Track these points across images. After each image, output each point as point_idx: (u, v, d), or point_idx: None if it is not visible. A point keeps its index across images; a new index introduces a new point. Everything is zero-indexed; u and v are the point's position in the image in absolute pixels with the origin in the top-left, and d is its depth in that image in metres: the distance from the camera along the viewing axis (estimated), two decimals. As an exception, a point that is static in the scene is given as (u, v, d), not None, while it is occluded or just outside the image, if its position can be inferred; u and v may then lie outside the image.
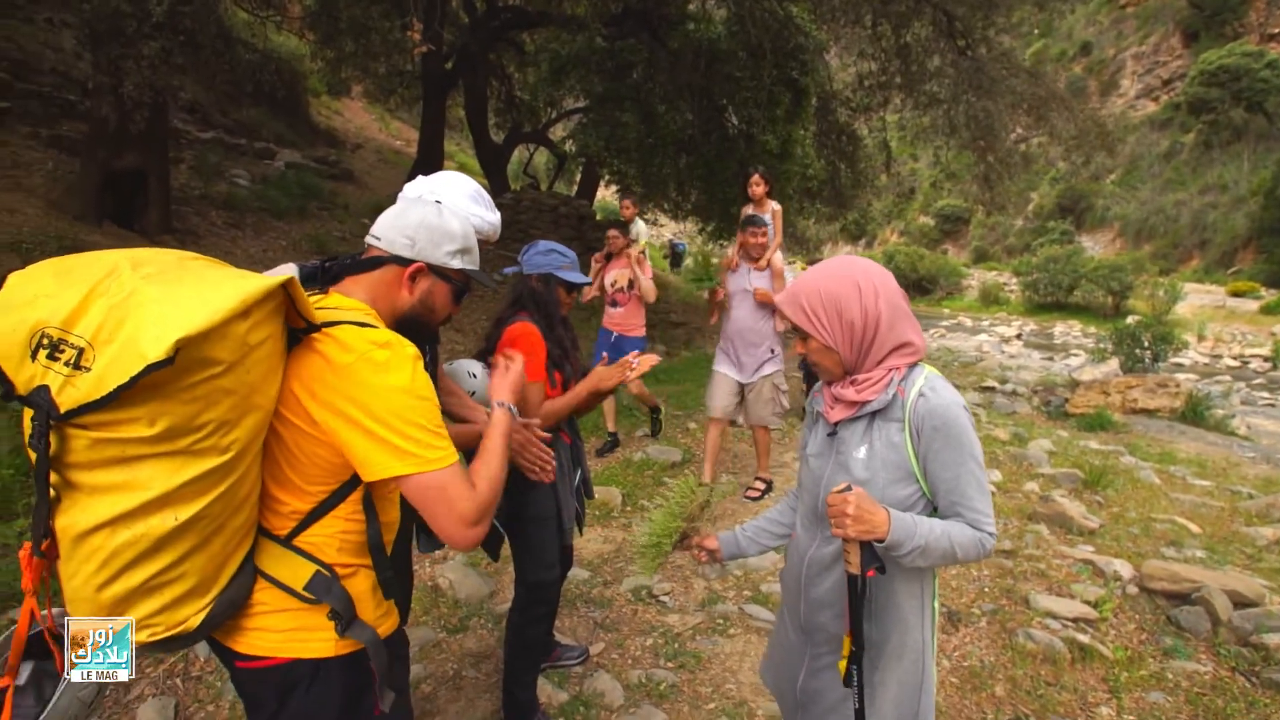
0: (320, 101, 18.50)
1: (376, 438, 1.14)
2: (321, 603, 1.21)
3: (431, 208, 1.39)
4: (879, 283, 1.42)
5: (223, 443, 1.03)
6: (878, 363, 1.44)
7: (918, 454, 1.40)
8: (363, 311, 1.28)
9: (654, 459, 5.66)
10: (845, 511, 1.30)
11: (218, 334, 0.97)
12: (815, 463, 1.55)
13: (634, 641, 3.09)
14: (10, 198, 6.91)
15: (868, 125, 15.43)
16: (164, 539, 1.02)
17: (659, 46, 8.39)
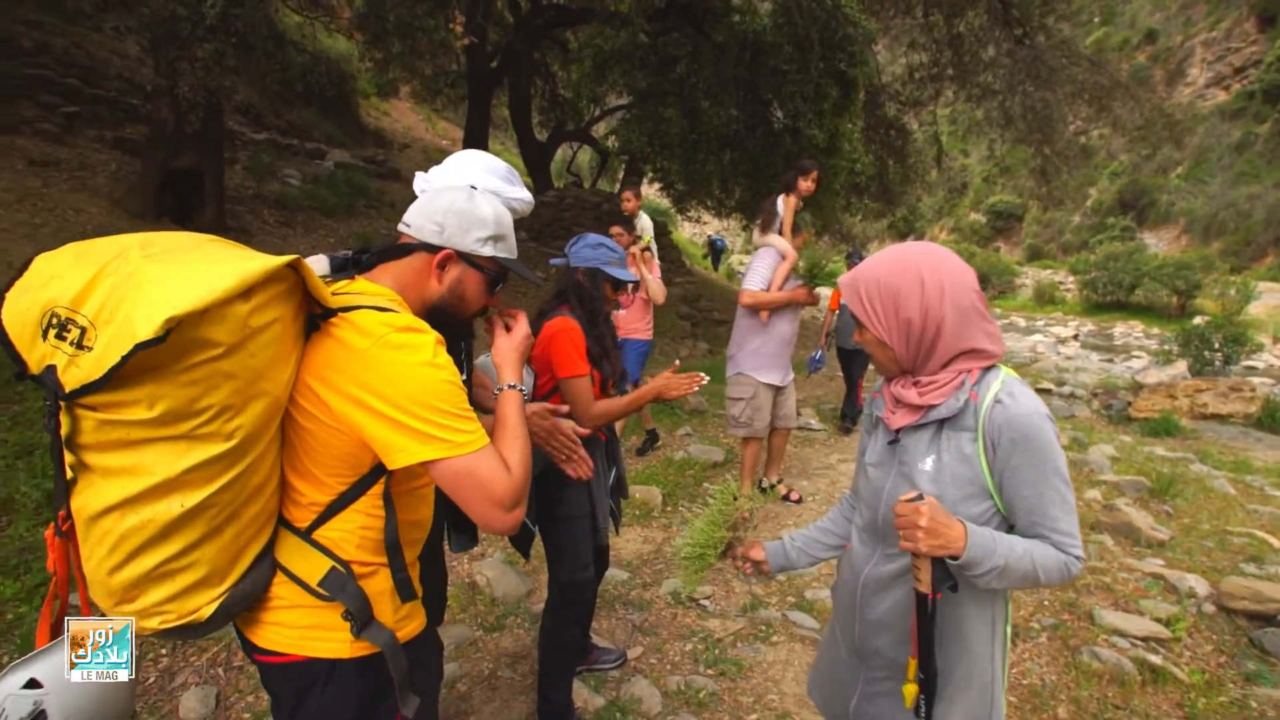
0: (369, 103, 18.91)
1: (398, 424, 1.09)
2: (335, 601, 1.17)
3: (462, 192, 1.32)
4: (948, 280, 1.26)
5: (226, 429, 0.99)
6: (941, 366, 1.30)
7: (993, 469, 1.25)
8: (386, 297, 1.23)
9: (695, 458, 5.57)
10: (917, 523, 1.17)
11: (215, 314, 0.93)
12: (875, 473, 1.41)
13: (673, 646, 3.01)
14: (77, 197, 7.19)
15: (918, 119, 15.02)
16: (171, 525, 0.99)
17: (703, 40, 8.27)
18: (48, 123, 8.37)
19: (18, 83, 8.65)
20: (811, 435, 6.66)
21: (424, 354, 1.12)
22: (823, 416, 7.34)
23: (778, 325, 4.38)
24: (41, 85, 8.85)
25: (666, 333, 10.56)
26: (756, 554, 1.67)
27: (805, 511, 4.69)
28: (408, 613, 1.28)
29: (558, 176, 17.45)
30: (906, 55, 13.04)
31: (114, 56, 10.76)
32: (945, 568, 1.20)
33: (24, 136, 7.85)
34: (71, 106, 8.90)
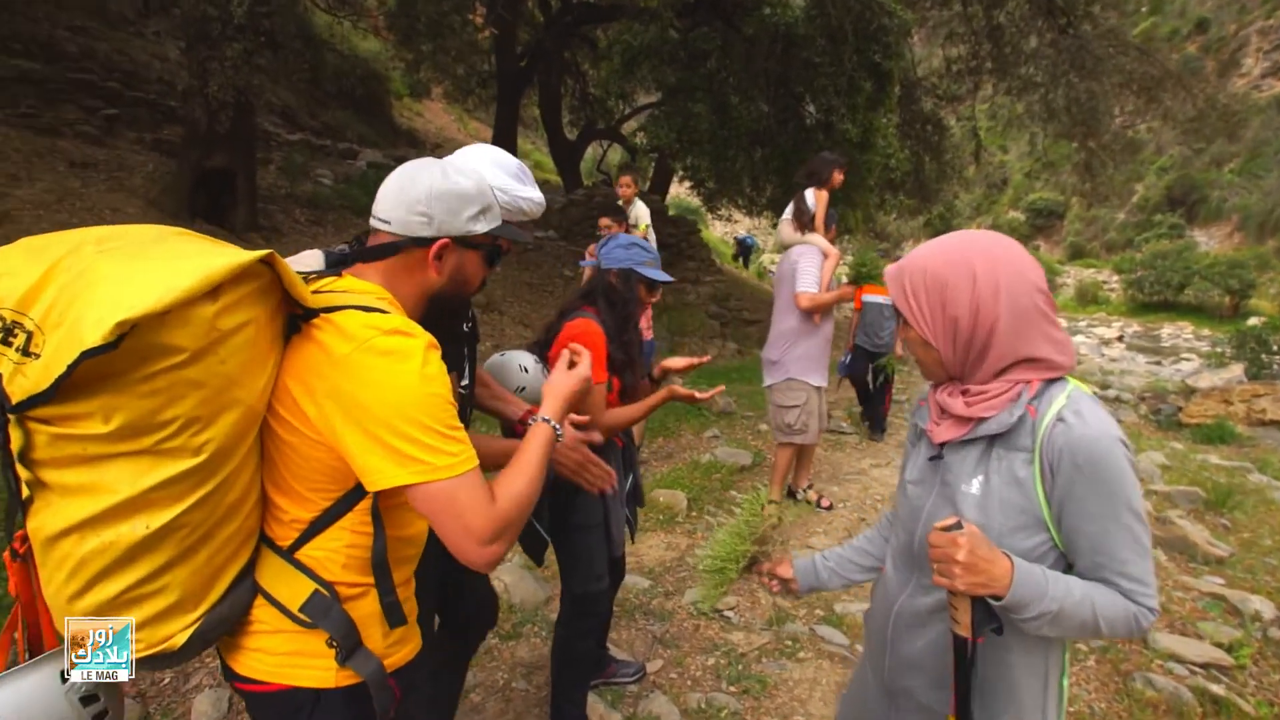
0: (402, 103, 19.12)
1: (377, 440, 0.99)
2: (318, 628, 1.08)
3: (435, 171, 1.20)
4: (1005, 275, 1.09)
5: (194, 443, 0.90)
6: (995, 375, 1.13)
7: (1050, 497, 1.07)
8: (374, 295, 1.13)
9: (722, 461, 5.43)
10: (954, 557, 1.01)
11: (176, 317, 0.84)
12: (914, 492, 1.25)
13: (694, 660, 2.89)
14: (114, 197, 7.33)
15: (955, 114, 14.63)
16: (136, 548, 0.90)
17: (733, 33, 8.12)
18: (89, 125, 8.57)
19: (61, 87, 8.88)
20: (843, 439, 6.47)
21: (412, 362, 1.01)
22: (854, 419, 7.14)
23: (824, 326, 4.25)
24: (84, 89, 9.08)
25: (695, 332, 10.42)
26: (784, 571, 1.54)
27: (835, 519, 4.52)
28: (399, 637, 1.19)
29: (588, 175, 17.43)
30: (944, 48, 12.69)
31: (154, 60, 11.01)
32: (988, 608, 1.04)
33: (65, 138, 8.04)
34: (112, 109, 9.10)
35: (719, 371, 8.93)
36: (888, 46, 8.10)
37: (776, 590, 1.58)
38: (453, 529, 1.03)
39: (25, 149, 7.45)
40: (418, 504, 1.03)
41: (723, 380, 8.39)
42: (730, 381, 8.36)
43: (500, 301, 9.34)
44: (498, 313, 9.03)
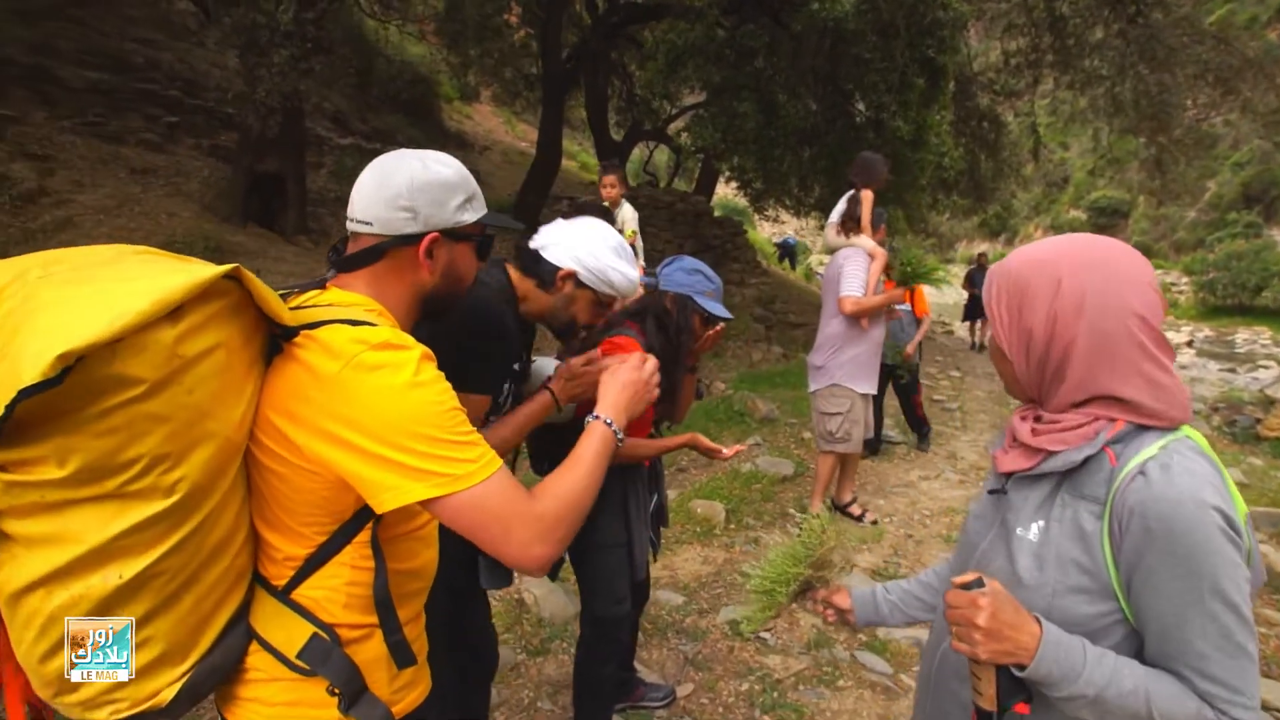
0: (452, 107, 19.39)
1: (383, 460, 0.90)
2: (317, 675, 0.99)
3: (413, 162, 1.11)
4: (1094, 288, 0.92)
5: (164, 482, 0.82)
6: (1074, 403, 0.97)
7: (1119, 561, 0.91)
8: (362, 307, 1.04)
9: (764, 471, 5.27)
10: (974, 620, 0.87)
11: (129, 345, 0.76)
12: (973, 528, 1.12)
13: (727, 685, 2.76)
14: (171, 202, 7.57)
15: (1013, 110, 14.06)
16: (110, 600, 0.82)
17: (780, 30, 7.92)
18: (151, 132, 8.89)
19: (127, 96, 9.24)
20: (890, 448, 6.23)
21: (405, 373, 0.93)
22: (902, 427, 6.87)
23: (872, 331, 4.08)
24: (148, 98, 9.43)
25: (739, 335, 10.24)
26: (842, 601, 1.42)
27: (881, 535, 4.32)
28: (408, 680, 1.10)
29: (634, 177, 17.38)
30: (1002, 41, 12.20)
31: (214, 69, 11.38)
32: (1014, 677, 0.90)
33: (128, 146, 8.35)
34: (172, 117, 9.43)
35: (762, 376, 8.74)
36: (942, 40, 7.78)
37: (832, 619, 1.45)
38: (493, 537, 0.94)
39: (90, 156, 7.76)
40: (448, 519, 0.95)
41: (766, 385, 8.23)
42: (774, 387, 8.16)
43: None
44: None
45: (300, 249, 7.80)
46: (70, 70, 8.67)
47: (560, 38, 11.40)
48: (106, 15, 10.45)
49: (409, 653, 1.08)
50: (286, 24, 5.17)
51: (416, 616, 1.16)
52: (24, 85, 8.08)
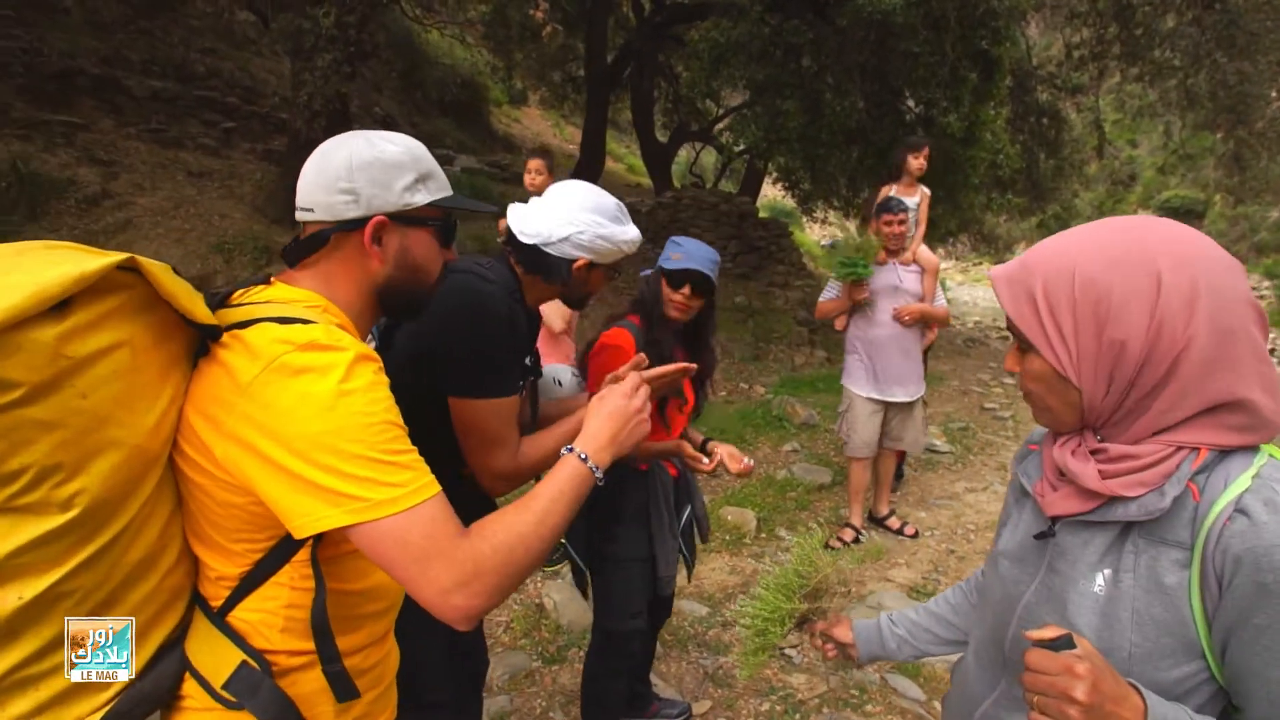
0: (501, 110, 19.65)
1: (296, 478, 0.82)
2: (244, 708, 0.92)
3: (356, 141, 1.02)
4: (1204, 281, 0.75)
5: (59, 496, 0.75)
6: (1158, 430, 0.79)
7: (1213, 618, 0.75)
8: (304, 304, 0.96)
9: (799, 479, 5.10)
10: (1069, 693, 0.70)
11: (2, 345, 0.69)
12: (1010, 572, 0.95)
13: (747, 704, 2.63)
14: (224, 204, 7.82)
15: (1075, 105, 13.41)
16: (13, 621, 0.76)
17: (825, 26, 7.71)
18: (208, 137, 9.23)
19: (188, 103, 9.62)
20: (935, 458, 5.96)
21: (331, 379, 0.84)
22: (950, 436, 6.58)
23: (871, 331, 3.92)
24: (207, 105, 9.81)
25: (782, 339, 10.03)
26: (842, 634, 1.29)
27: (920, 549, 4.12)
28: (361, 713, 1.02)
29: (679, 178, 17.29)
30: (1063, 33, 11.65)
31: (270, 76, 11.76)
32: None
33: (187, 150, 8.67)
34: (230, 122, 9.78)
35: (804, 380, 8.52)
36: (996, 32, 7.44)
37: (832, 655, 1.32)
38: (408, 576, 0.84)
39: (151, 161, 8.08)
40: (365, 549, 0.85)
41: (808, 390, 8.02)
42: (816, 392, 7.95)
43: (581, 305, 9.32)
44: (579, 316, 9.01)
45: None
46: (136, 79, 9.07)
47: (605, 39, 11.39)
48: (173, 26, 10.91)
49: (349, 685, 0.97)
50: (329, 28, 5.26)
51: (377, 641, 1.07)
52: (93, 95, 8.47)
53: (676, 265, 1.97)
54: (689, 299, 1.97)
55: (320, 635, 0.94)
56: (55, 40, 8.49)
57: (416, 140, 1.08)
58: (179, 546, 0.92)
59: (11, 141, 6.87)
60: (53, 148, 7.26)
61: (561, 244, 1.54)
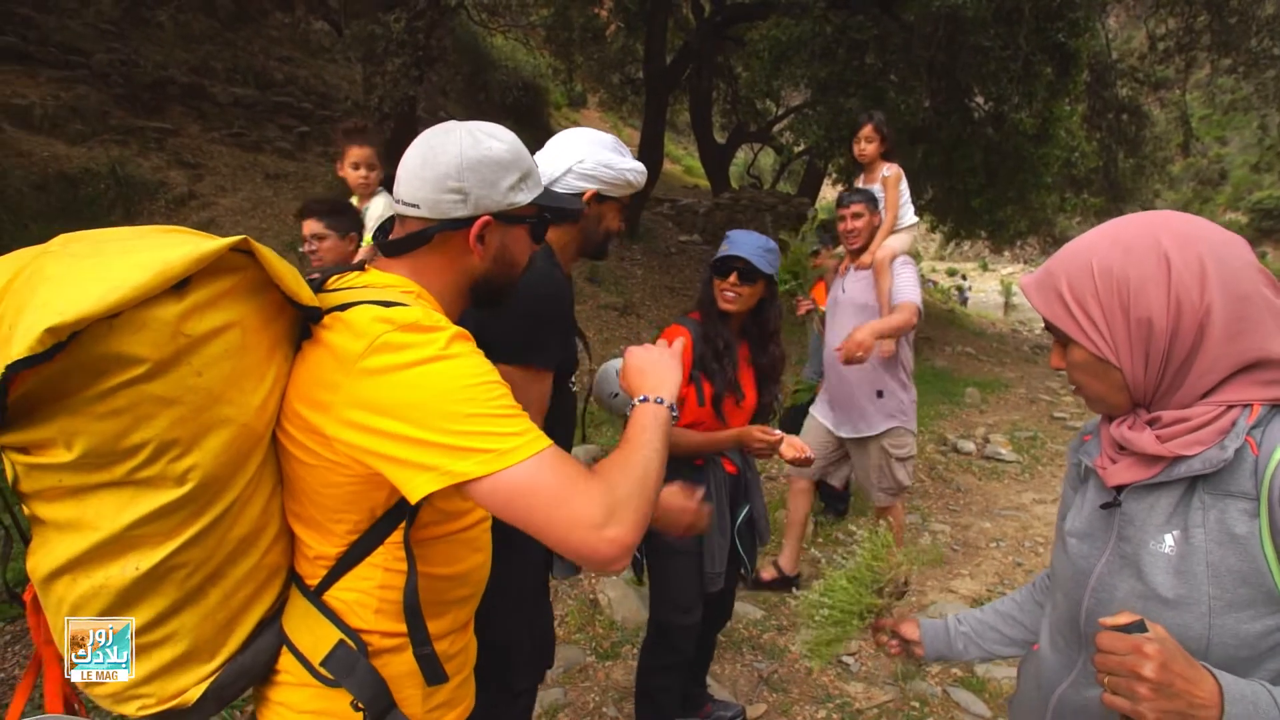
0: (561, 113, 19.93)
1: (414, 441, 0.82)
2: (341, 686, 0.94)
3: (462, 137, 1.00)
4: (1210, 251, 0.82)
5: (175, 470, 0.78)
6: (1201, 394, 0.85)
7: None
8: (398, 288, 0.98)
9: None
10: (1139, 671, 0.73)
11: (127, 321, 0.72)
12: (1079, 549, 0.97)
13: (803, 710, 2.60)
14: (296, 204, 8.18)
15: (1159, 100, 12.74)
16: (129, 592, 0.80)
17: (891, 22, 7.53)
18: (285, 141, 9.68)
19: (266, 109, 10.11)
20: (1001, 467, 5.75)
21: (432, 349, 0.85)
22: (1017, 445, 6.34)
23: (826, 351, 3.28)
24: (284, 110, 10.29)
25: (839, 342, 9.88)
26: (909, 631, 1.28)
27: (985, 561, 3.98)
28: (444, 699, 1.03)
29: (737, 180, 17.19)
30: (1147, 23, 11.07)
31: (344, 82, 12.25)
32: None
33: (264, 154, 9.11)
34: (304, 127, 10.23)
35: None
36: (1074, 24, 7.12)
37: (896, 652, 1.30)
38: (551, 520, 0.82)
39: (233, 164, 8.52)
40: (494, 503, 0.84)
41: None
42: (875, 396, 7.78)
43: (639, 305, 9.37)
44: (635, 315, 9.06)
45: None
46: (221, 87, 9.58)
47: (665, 41, 11.42)
48: (254, 37, 11.49)
49: (439, 669, 0.99)
50: (399, 33, 5.44)
51: (461, 628, 1.08)
52: (182, 102, 9.00)
53: (721, 254, 1.98)
54: (737, 287, 1.96)
55: (412, 616, 0.95)
56: (150, 52, 9.05)
57: (513, 135, 1.07)
58: (278, 525, 0.95)
59: (111, 147, 7.34)
60: (146, 152, 7.73)
61: (566, 177, 1.52)
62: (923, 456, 5.90)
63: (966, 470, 5.65)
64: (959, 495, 5.10)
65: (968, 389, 8.54)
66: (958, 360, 10.94)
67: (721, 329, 2.00)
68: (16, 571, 0.99)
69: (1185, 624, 0.82)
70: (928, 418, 7.05)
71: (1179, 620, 0.82)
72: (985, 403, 8.22)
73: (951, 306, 17.06)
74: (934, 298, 17.22)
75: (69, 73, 7.97)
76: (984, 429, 6.86)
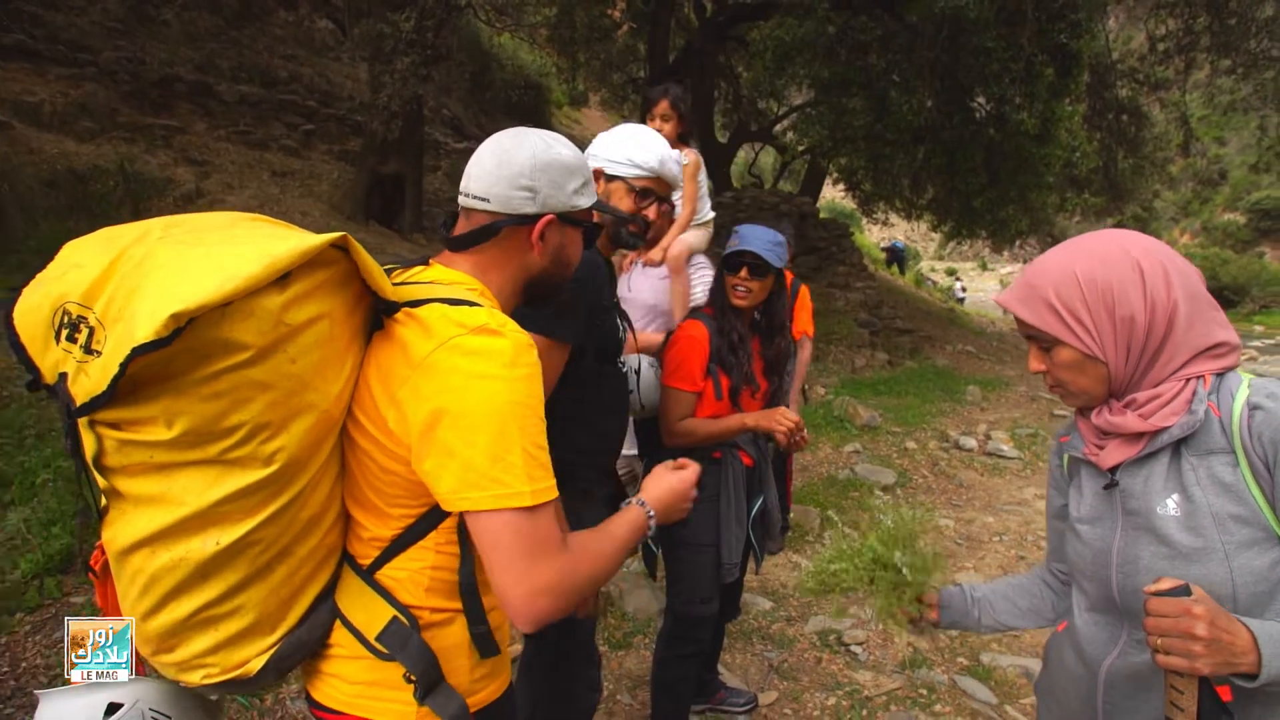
0: (562, 112, 19.97)
1: (453, 454, 0.87)
2: (395, 659, 0.99)
3: (536, 141, 1.07)
4: (1168, 262, 0.99)
5: (264, 451, 0.83)
6: (1167, 376, 0.99)
7: (1271, 497, 0.91)
8: (464, 286, 1.01)
9: (862, 479, 5.06)
10: (1192, 631, 0.81)
11: (238, 309, 0.76)
12: (1092, 533, 1.06)
13: (813, 697, 2.65)
14: (304, 202, 8.22)
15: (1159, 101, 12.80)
16: (207, 565, 0.85)
17: (894, 22, 7.59)
18: (290, 139, 9.71)
19: (271, 107, 10.13)
20: (1003, 463, 5.82)
21: (500, 361, 0.89)
22: (1018, 442, 6.40)
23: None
24: (289, 108, 10.31)
25: (842, 340, 9.92)
26: (928, 595, 1.33)
27: (989, 554, 4.05)
28: (488, 670, 1.07)
29: (738, 179, 17.25)
30: (1147, 24, 11.13)
31: (347, 80, 12.27)
32: (1215, 694, 0.83)
33: (270, 151, 9.15)
34: (309, 125, 10.26)
35: (865, 383, 8.41)
36: (1076, 25, 7.18)
37: (935, 617, 1.33)
38: (512, 566, 0.88)
39: (239, 161, 8.55)
40: (478, 530, 0.89)
41: (869, 392, 7.92)
42: (877, 394, 7.84)
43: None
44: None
45: (416, 245, 8.26)
46: (227, 85, 9.60)
47: (668, 40, 11.47)
48: (259, 35, 11.50)
49: (492, 643, 1.04)
50: (408, 32, 5.49)
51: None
52: (189, 99, 9.02)
53: (730, 249, 2.02)
54: (748, 281, 2.01)
55: (469, 597, 1.00)
56: (156, 50, 9.07)
57: (573, 146, 1.14)
58: (339, 507, 0.99)
59: (119, 144, 7.37)
60: (153, 149, 7.76)
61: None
62: (925, 453, 5.97)
63: (969, 466, 5.72)
64: (962, 490, 5.16)
65: (969, 387, 8.60)
66: (959, 359, 11.01)
67: (735, 323, 2.05)
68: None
69: (1210, 572, 0.91)
70: (930, 415, 7.12)
71: (1204, 571, 0.92)
72: (986, 400, 8.29)
73: (951, 305, 17.13)
74: (934, 296, 17.28)
75: (77, 70, 8.00)
76: (985, 426, 6.92)
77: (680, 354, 1.99)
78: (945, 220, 11.75)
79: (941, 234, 13.67)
